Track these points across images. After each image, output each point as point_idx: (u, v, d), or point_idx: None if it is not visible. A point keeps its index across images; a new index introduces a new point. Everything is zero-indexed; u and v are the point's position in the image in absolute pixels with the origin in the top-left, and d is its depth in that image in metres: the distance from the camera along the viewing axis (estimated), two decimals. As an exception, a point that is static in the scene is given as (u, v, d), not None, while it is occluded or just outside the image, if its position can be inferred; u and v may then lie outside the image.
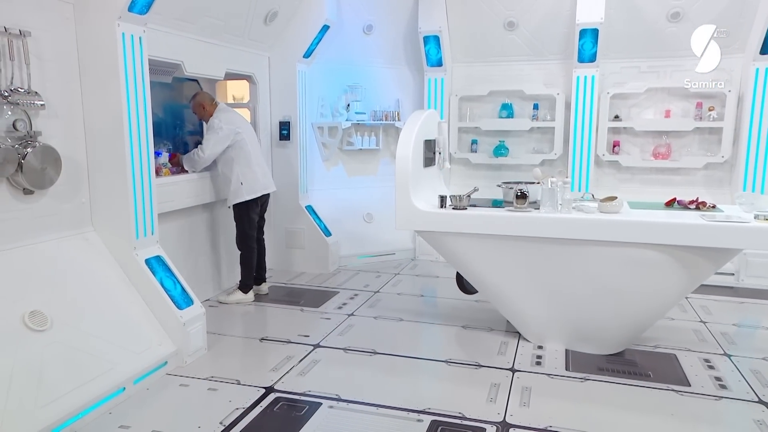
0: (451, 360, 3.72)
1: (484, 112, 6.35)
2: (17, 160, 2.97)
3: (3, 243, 3.03)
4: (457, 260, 3.97)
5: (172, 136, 5.24)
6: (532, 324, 3.94)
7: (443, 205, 3.87)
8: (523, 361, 3.70)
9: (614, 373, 3.51)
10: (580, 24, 5.45)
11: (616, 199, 3.62)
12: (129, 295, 3.53)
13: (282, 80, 5.69)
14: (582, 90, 5.71)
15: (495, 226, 3.68)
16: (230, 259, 5.20)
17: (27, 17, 3.09)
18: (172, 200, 4.31)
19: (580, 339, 3.81)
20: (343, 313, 4.68)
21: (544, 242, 3.59)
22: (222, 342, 4.03)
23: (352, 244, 6.26)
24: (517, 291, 3.83)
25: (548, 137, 6.17)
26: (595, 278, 3.56)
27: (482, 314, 4.57)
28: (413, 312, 4.73)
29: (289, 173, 5.81)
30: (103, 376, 3.03)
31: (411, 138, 3.85)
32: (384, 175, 6.50)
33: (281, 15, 5.26)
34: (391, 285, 5.52)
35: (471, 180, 6.12)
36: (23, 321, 2.85)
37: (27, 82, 3.06)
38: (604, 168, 6.01)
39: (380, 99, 6.42)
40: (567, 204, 3.63)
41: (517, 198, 3.71)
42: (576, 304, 3.70)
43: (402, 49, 6.42)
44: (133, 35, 3.45)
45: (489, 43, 6.08)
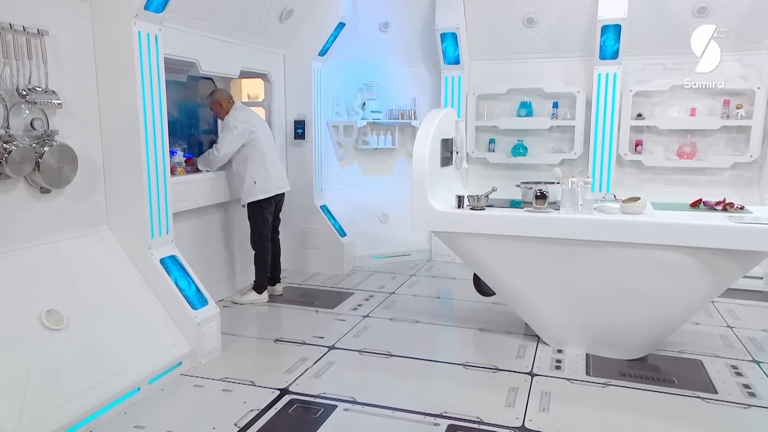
0: (468, 363, 3.70)
1: (502, 111, 6.31)
2: (34, 159, 3.01)
3: (21, 242, 3.08)
4: (475, 261, 3.95)
5: (186, 135, 5.29)
6: (552, 327, 3.90)
7: (461, 206, 3.85)
8: (543, 365, 3.67)
9: (637, 379, 3.46)
10: (602, 20, 5.38)
11: (639, 199, 3.57)
12: (144, 294, 3.57)
13: (297, 78, 5.71)
14: (603, 88, 5.65)
15: (514, 227, 3.65)
16: (244, 259, 5.24)
17: (44, 16, 3.14)
18: (187, 199, 4.36)
19: (601, 343, 3.77)
20: (359, 314, 4.68)
21: (564, 244, 3.55)
22: (236, 343, 4.06)
23: (367, 245, 6.26)
24: (536, 293, 3.80)
25: (568, 136, 6.11)
26: (616, 281, 3.52)
27: (500, 317, 4.54)
28: (429, 314, 4.72)
29: (303, 173, 5.83)
30: (118, 376, 3.07)
31: (428, 137, 3.84)
32: (400, 174, 6.50)
33: (296, 12, 5.28)
34: (407, 286, 5.51)
35: (488, 180, 6.08)
36: (40, 320, 2.90)
37: (44, 81, 3.11)
38: (626, 168, 5.94)
39: (396, 97, 6.41)
40: (588, 205, 3.59)
41: (537, 198, 3.68)
42: (597, 307, 3.66)
43: (418, 47, 6.41)
44: (149, 33, 3.49)
45: (507, 40, 6.04)
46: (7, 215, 3.01)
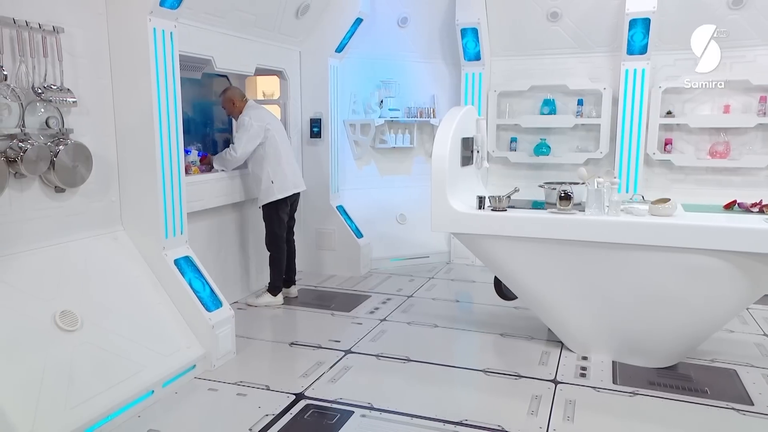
0: (489, 369, 3.67)
1: (524, 109, 6.26)
2: (50, 158, 3.06)
3: (35, 241, 3.13)
4: (496, 264, 3.92)
5: (201, 133, 5.34)
6: (576, 333, 3.86)
7: (481, 207, 3.83)
8: (567, 372, 3.63)
9: (666, 388, 3.40)
10: (630, 13, 5.31)
11: (669, 201, 3.51)
12: (157, 296, 3.60)
13: (313, 76, 5.73)
14: (631, 84, 5.57)
15: (537, 229, 3.61)
16: (259, 261, 5.27)
17: (60, 13, 3.19)
18: (202, 199, 4.39)
19: (628, 350, 3.72)
20: (375, 318, 4.67)
21: (589, 246, 3.51)
22: (251, 346, 4.08)
23: (384, 246, 6.26)
24: (559, 298, 3.76)
25: (593, 135, 6.04)
26: (645, 286, 3.46)
27: (522, 322, 4.50)
28: (448, 318, 4.69)
29: (319, 172, 5.84)
30: (132, 379, 3.10)
31: (448, 136, 3.82)
32: (418, 174, 6.48)
33: (313, 8, 5.30)
34: (425, 289, 5.49)
35: (510, 180, 6.04)
36: (54, 321, 2.94)
37: (60, 79, 3.16)
38: (655, 168, 5.85)
39: (415, 95, 6.40)
40: (615, 206, 3.54)
41: (561, 199, 3.64)
42: (624, 312, 3.60)
43: (438, 43, 6.38)
44: (164, 30, 3.53)
45: (530, 36, 5.99)
46: (22, 214, 3.06)
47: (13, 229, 3.01)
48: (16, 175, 2.97)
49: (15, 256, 3.00)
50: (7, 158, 2.87)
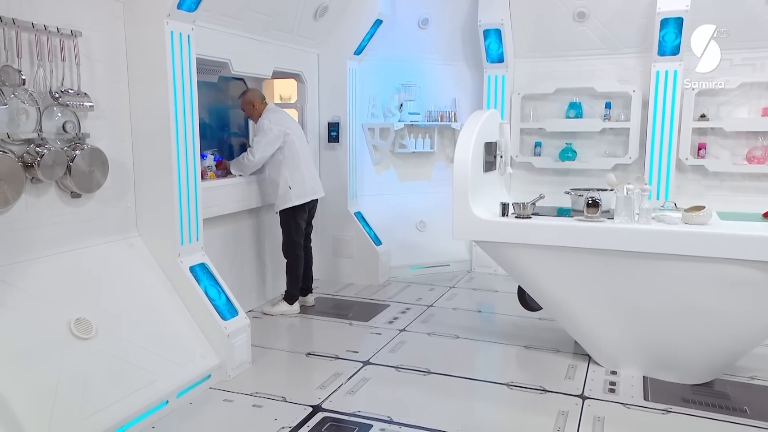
0: (513, 383, 3.64)
1: (549, 112, 6.22)
2: (66, 163, 3.12)
3: (51, 247, 3.19)
4: (520, 274, 3.89)
5: (217, 138, 5.40)
6: (605, 346, 3.80)
7: (505, 214, 3.80)
8: (595, 387, 3.57)
9: (702, 406, 3.33)
10: (662, 13, 5.25)
11: (703, 208, 3.45)
12: (172, 304, 3.64)
13: (331, 79, 5.77)
14: (662, 86, 5.50)
15: (563, 237, 3.58)
16: (275, 268, 5.30)
17: (78, 17, 3.25)
18: (218, 205, 4.43)
19: (660, 365, 3.65)
20: (395, 328, 4.66)
21: (619, 256, 3.46)
22: (267, 356, 4.09)
23: (403, 254, 6.25)
24: (587, 309, 3.71)
25: (622, 139, 5.97)
26: (678, 297, 3.40)
27: (547, 333, 4.45)
28: (470, 329, 4.66)
29: (337, 177, 5.87)
30: (147, 388, 3.13)
31: (471, 140, 3.81)
32: (439, 180, 6.47)
33: (332, 9, 5.34)
34: (446, 299, 5.47)
35: (534, 186, 5.99)
36: (69, 328, 2.99)
37: (77, 83, 3.22)
38: (687, 173, 5.76)
39: (436, 98, 6.40)
40: (645, 214, 3.49)
41: (588, 206, 3.60)
42: (655, 325, 3.54)
43: (460, 44, 6.38)
44: (181, 33, 3.58)
45: (556, 37, 5.96)
46: (39, 220, 3.12)
47: (29, 234, 3.07)
48: (33, 180, 3.03)
49: (31, 263, 3.06)
50: (24, 163, 2.93)
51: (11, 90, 2.85)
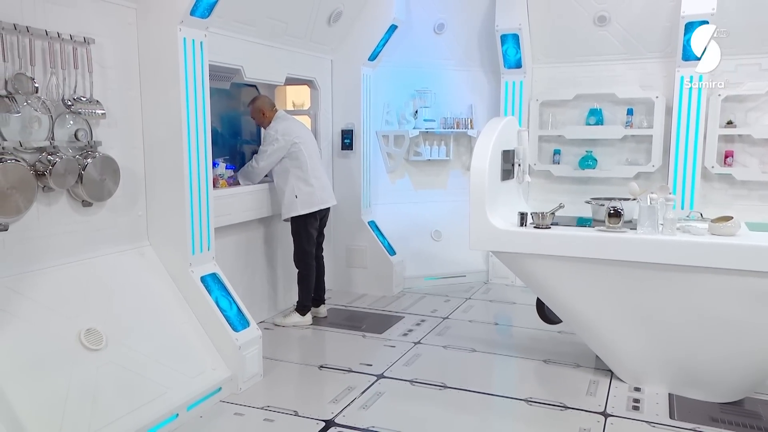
0: (531, 399, 3.60)
1: (568, 119, 6.19)
2: (78, 171, 3.16)
3: (62, 257, 3.22)
4: (539, 285, 3.86)
5: (228, 145, 5.44)
6: (628, 362, 3.76)
7: (523, 223, 3.79)
8: (618, 404, 3.53)
9: (732, 426, 3.28)
10: (687, 16, 5.22)
11: (731, 219, 3.40)
12: (183, 314, 3.66)
13: (345, 85, 5.80)
14: (687, 92, 5.45)
15: (584, 248, 3.55)
16: (287, 278, 5.31)
17: (91, 24, 3.31)
18: (229, 214, 4.46)
19: (686, 382, 3.60)
20: (409, 340, 4.65)
21: (642, 268, 3.43)
22: (278, 368, 4.10)
23: (418, 265, 6.24)
24: (609, 323, 3.68)
25: (644, 147, 5.93)
26: (705, 311, 3.36)
27: (567, 347, 4.41)
28: (487, 342, 4.64)
29: (350, 186, 5.88)
30: (157, 401, 3.14)
31: (488, 148, 3.81)
32: (454, 188, 6.47)
33: (346, 15, 5.38)
34: (462, 311, 5.44)
35: (553, 195, 5.97)
36: (79, 339, 3.01)
37: (89, 91, 3.27)
38: (714, 182, 5.70)
39: (451, 105, 6.40)
40: (670, 224, 3.46)
41: (610, 216, 3.57)
42: (681, 340, 3.50)
43: (476, 50, 6.39)
44: (194, 40, 3.63)
45: (576, 41, 5.95)
46: (50, 229, 3.16)
47: (40, 244, 3.11)
48: (44, 189, 3.07)
49: (41, 272, 3.10)
50: (36, 171, 2.97)
51: (24, 98, 2.90)
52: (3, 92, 2.83)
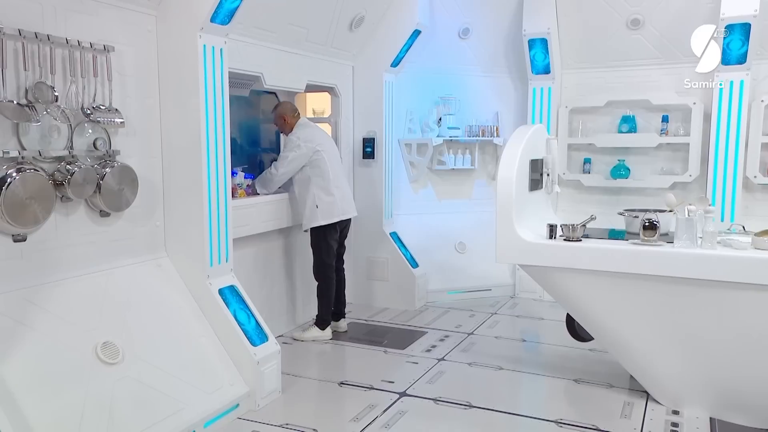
0: (562, 420, 3.55)
1: (599, 126, 6.14)
2: (96, 181, 3.21)
3: (79, 268, 3.28)
4: (569, 301, 3.82)
5: (247, 154, 5.50)
6: (665, 383, 3.69)
7: (553, 236, 3.76)
8: (655, 428, 3.47)
9: (776, 452, 3.19)
10: (726, 18, 5.14)
11: (776, 232, 3.34)
12: (201, 328, 3.69)
13: (367, 92, 5.83)
14: (727, 98, 5.37)
15: (617, 262, 3.51)
16: (306, 291, 5.33)
17: (111, 31, 3.38)
18: (248, 224, 4.50)
19: (729, 405, 3.52)
20: (433, 357, 4.62)
21: (680, 284, 3.37)
22: (297, 384, 4.11)
23: (441, 278, 6.22)
24: (644, 341, 3.62)
25: (681, 155, 5.85)
26: (748, 330, 3.29)
27: (599, 366, 4.35)
28: (514, 359, 4.59)
29: (372, 196, 5.90)
30: (173, 417, 3.17)
31: (516, 157, 3.79)
32: (479, 198, 6.46)
33: (368, 20, 5.42)
34: (487, 326, 5.40)
35: (582, 206, 5.92)
36: (96, 352, 3.06)
37: (108, 99, 3.34)
38: (756, 193, 5.59)
39: (476, 112, 6.40)
40: (710, 238, 3.40)
41: (645, 229, 3.53)
42: (722, 361, 3.43)
43: (503, 55, 6.39)
44: (214, 47, 3.68)
45: (607, 46, 5.91)
46: (67, 240, 3.22)
47: (58, 254, 3.17)
48: (63, 199, 3.13)
49: (59, 283, 3.15)
50: (54, 181, 3.03)
51: (44, 107, 2.96)
52: (23, 101, 2.91)
